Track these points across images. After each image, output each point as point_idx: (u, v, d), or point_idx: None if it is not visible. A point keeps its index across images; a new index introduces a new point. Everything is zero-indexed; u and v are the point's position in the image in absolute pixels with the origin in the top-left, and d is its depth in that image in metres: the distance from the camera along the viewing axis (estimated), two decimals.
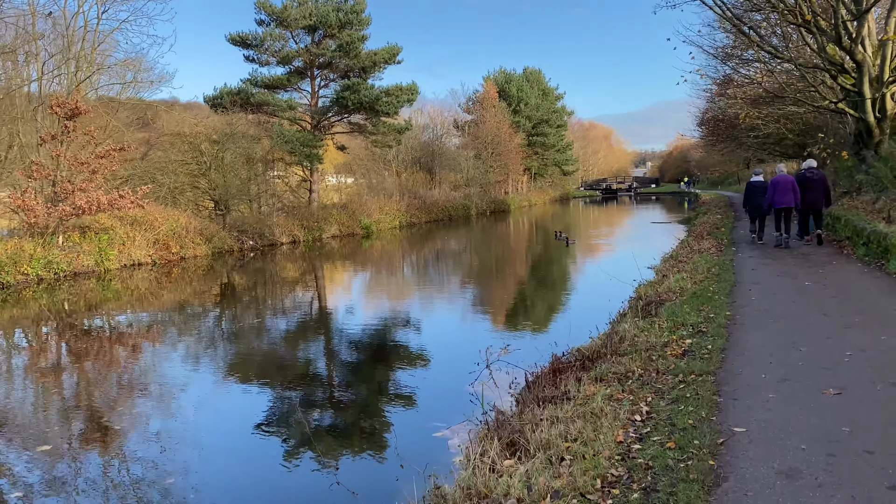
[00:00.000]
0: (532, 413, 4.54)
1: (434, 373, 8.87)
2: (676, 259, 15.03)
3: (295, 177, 36.14)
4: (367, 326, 12.70)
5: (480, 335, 10.57)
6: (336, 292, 18.65)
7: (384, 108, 32.97)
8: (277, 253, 27.68)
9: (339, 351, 10.73)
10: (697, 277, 10.77)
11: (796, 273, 10.34)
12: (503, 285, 17.19)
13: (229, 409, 7.84)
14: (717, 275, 10.72)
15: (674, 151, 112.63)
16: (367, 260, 25.85)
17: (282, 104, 32.56)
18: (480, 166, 58.50)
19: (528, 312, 12.98)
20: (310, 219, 31.98)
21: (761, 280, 9.93)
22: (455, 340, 10.73)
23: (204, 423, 7.34)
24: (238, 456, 6.26)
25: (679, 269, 12.60)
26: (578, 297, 14.87)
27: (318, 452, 5.95)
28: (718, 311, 7.75)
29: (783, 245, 14.10)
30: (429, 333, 11.52)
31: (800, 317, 7.21)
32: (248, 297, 17.80)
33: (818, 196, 13.77)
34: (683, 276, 11.14)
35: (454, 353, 9.78)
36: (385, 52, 34.25)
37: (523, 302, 14.39)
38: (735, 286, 9.58)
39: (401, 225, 39.90)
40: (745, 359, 5.60)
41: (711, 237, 17.82)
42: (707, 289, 9.50)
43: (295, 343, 11.59)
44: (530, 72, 70.94)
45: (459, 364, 8.32)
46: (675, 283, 10.56)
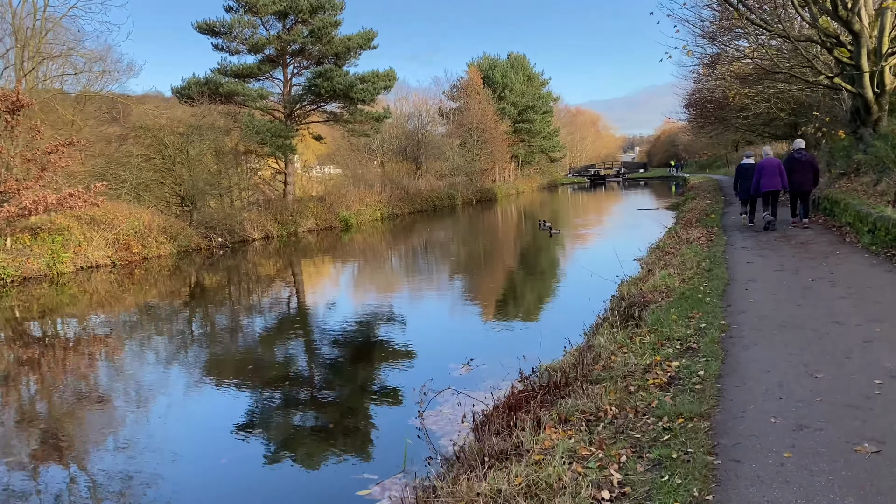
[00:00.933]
0: (468, 485, 3.36)
1: (383, 398, 7.63)
2: (663, 250, 13.88)
3: (270, 169, 34.76)
4: (326, 333, 11.50)
5: (444, 345, 9.40)
6: (301, 292, 17.40)
7: (360, 96, 31.61)
8: (249, 250, 26.39)
9: (285, 373, 9.52)
10: (686, 273, 9.62)
11: (797, 267, 9.19)
12: (477, 285, 15.88)
13: (191, 417, 7.42)
14: (709, 270, 9.57)
15: (661, 136, 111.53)
16: (340, 255, 24.58)
17: (252, 94, 31.15)
18: (466, 155, 57.22)
19: (501, 317, 11.68)
20: (284, 213, 30.68)
21: (758, 276, 8.78)
22: (415, 352, 9.50)
23: (170, 432, 6.93)
24: (196, 465, 5.96)
25: (666, 263, 11.44)
26: (557, 296, 13.71)
27: None
28: (711, 318, 6.59)
29: (771, 228, 13.99)
30: (388, 342, 10.30)
31: (808, 326, 6.05)
32: (214, 299, 16.73)
33: (806, 177, 13.66)
34: (670, 271, 9.99)
35: (410, 369, 8.54)
36: (359, 38, 32.84)
37: (496, 305, 13.06)
38: (729, 284, 8.43)
39: (382, 217, 38.62)
40: (747, 391, 4.43)
41: (701, 225, 16.69)
42: (697, 288, 8.34)
43: (236, 354, 10.39)
44: (515, 57, 69.48)
45: (416, 379, 7.16)
46: (661, 281, 9.41)
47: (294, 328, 12.43)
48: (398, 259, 22.79)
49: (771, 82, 21.96)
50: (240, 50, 33.10)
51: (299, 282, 19.33)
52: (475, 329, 10.52)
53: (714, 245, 12.38)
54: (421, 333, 10.61)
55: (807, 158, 13.82)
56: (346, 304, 14.93)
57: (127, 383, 8.89)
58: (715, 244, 12.57)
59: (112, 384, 8.96)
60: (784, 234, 13.40)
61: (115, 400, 8.14)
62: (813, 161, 13.90)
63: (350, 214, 34.25)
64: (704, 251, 11.62)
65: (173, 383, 8.84)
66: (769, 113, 26.19)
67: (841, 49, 15.51)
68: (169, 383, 8.85)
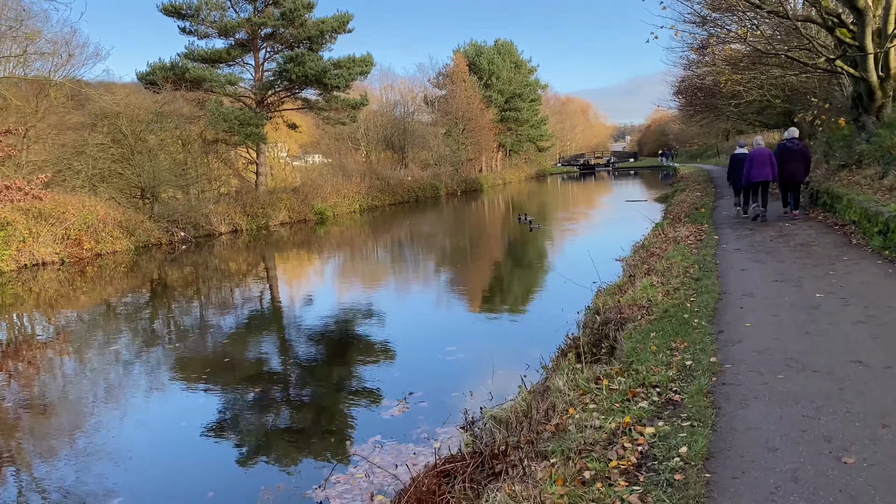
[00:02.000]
0: None
1: (285, 460, 6.20)
2: (648, 250, 12.55)
3: (241, 159, 33.19)
4: (280, 342, 10.12)
5: (384, 372, 7.94)
6: (261, 292, 15.99)
7: (333, 82, 30.06)
8: (215, 244, 24.92)
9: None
10: (671, 283, 8.28)
11: (799, 276, 7.86)
12: (439, 294, 14.15)
13: (143, 424, 6.89)
14: (697, 279, 8.23)
15: (652, 125, 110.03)
16: (307, 252, 23.09)
17: (220, 79, 29.54)
18: (451, 144, 55.74)
19: (458, 335, 10.00)
20: (255, 205, 29.16)
21: (755, 289, 7.44)
22: (347, 382, 8.06)
23: (124, 439, 6.47)
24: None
25: (649, 268, 10.11)
26: (527, 307, 12.16)
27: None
28: (699, 351, 5.25)
29: (762, 218, 13.77)
30: (311, 375, 8.89)
31: (821, 366, 4.70)
32: (173, 298, 15.52)
33: (798, 167, 13.37)
34: (653, 279, 8.64)
35: (337, 408, 7.07)
36: (334, 21, 31.26)
37: (455, 320, 11.37)
38: (720, 299, 7.09)
39: (361, 209, 37.14)
40: (748, 489, 3.10)
41: (690, 221, 15.37)
42: (683, 304, 7.00)
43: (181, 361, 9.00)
44: (502, 44, 67.79)
45: (338, 422, 5.80)
46: (643, 292, 8.07)
47: (238, 333, 11.04)
48: (362, 259, 21.35)
49: (764, 67, 20.66)
50: (209, 34, 31.49)
51: (262, 280, 17.93)
52: (424, 349, 8.97)
53: (704, 246, 11.05)
54: (361, 353, 9.13)
55: (799, 147, 13.43)
56: (297, 308, 13.53)
57: (78, 388, 8.41)
58: (705, 245, 11.24)
59: (62, 389, 8.45)
60: (780, 231, 12.09)
61: (63, 407, 7.69)
62: (805, 150, 13.54)
63: (325, 207, 32.75)
64: (693, 254, 10.28)
65: (126, 387, 8.34)
66: (762, 101, 24.84)
67: (842, 30, 14.17)
68: (121, 387, 8.34)
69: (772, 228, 12.69)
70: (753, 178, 13.49)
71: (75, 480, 5.55)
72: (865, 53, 13.34)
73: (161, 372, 8.98)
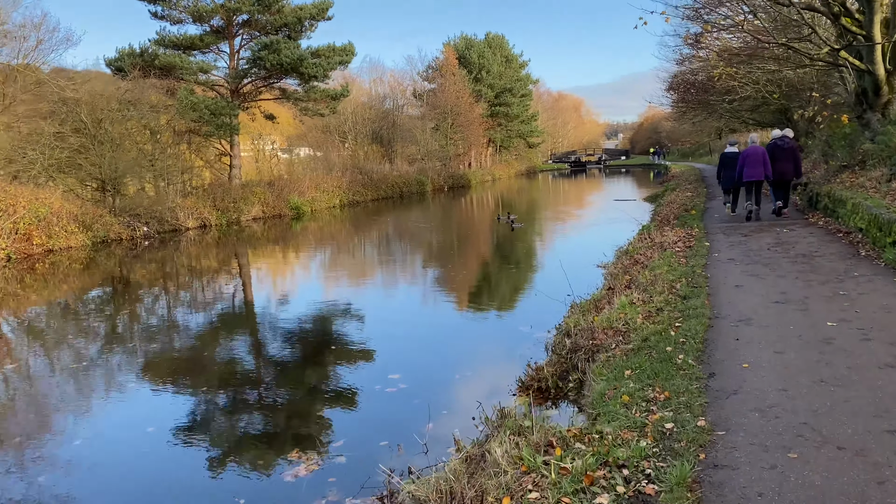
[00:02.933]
0: None
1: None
2: (632, 257, 11.36)
3: (215, 151, 31.76)
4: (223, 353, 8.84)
5: (303, 418, 6.56)
6: (217, 293, 14.68)
7: (311, 71, 28.67)
8: (182, 240, 23.59)
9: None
10: (654, 301, 7.07)
11: (804, 297, 6.66)
12: (398, 302, 12.66)
13: (90, 435, 6.27)
14: (684, 297, 7.02)
15: (644, 122, 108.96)
16: (274, 249, 21.70)
17: (191, 67, 28.09)
18: (440, 138, 54.47)
19: (406, 356, 8.47)
20: (226, 199, 27.80)
21: (753, 313, 6.23)
22: (252, 438, 6.67)
23: (85, 446, 5.96)
24: None
25: (631, 280, 8.90)
26: (489, 324, 10.29)
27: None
28: (683, 408, 4.03)
29: (754, 217, 13.53)
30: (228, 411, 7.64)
31: (851, 441, 3.46)
32: (127, 298, 14.32)
33: (787, 166, 13.18)
34: (634, 296, 7.43)
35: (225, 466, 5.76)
36: (313, 8, 29.87)
37: (408, 335, 9.67)
38: (711, 326, 5.87)
39: (342, 204, 35.80)
40: None
41: (679, 224, 14.18)
42: (667, 331, 5.79)
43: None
44: (493, 37, 66.40)
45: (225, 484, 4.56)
46: (620, 312, 6.86)
47: (191, 337, 9.75)
48: (321, 263, 20.05)
49: (760, 62, 19.51)
50: (182, 19, 30.02)
51: (222, 279, 16.62)
52: (363, 378, 7.40)
53: (694, 255, 9.84)
54: (289, 384, 7.71)
55: (789, 146, 13.26)
56: (246, 315, 12.25)
57: (26, 394, 7.82)
58: (695, 253, 10.04)
59: (9, 396, 7.75)
60: (778, 238, 10.92)
61: (9, 414, 7.06)
62: (795, 149, 13.36)
63: (302, 201, 31.40)
64: (681, 264, 9.08)
65: (78, 392, 7.70)
66: (756, 97, 23.70)
67: (847, 18, 12.99)
68: (74, 392, 7.70)
69: (768, 234, 11.52)
70: (746, 177, 13.25)
71: (24, 494, 5.05)
72: (873, 43, 12.16)
73: (113, 376, 8.29)
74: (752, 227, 12.59)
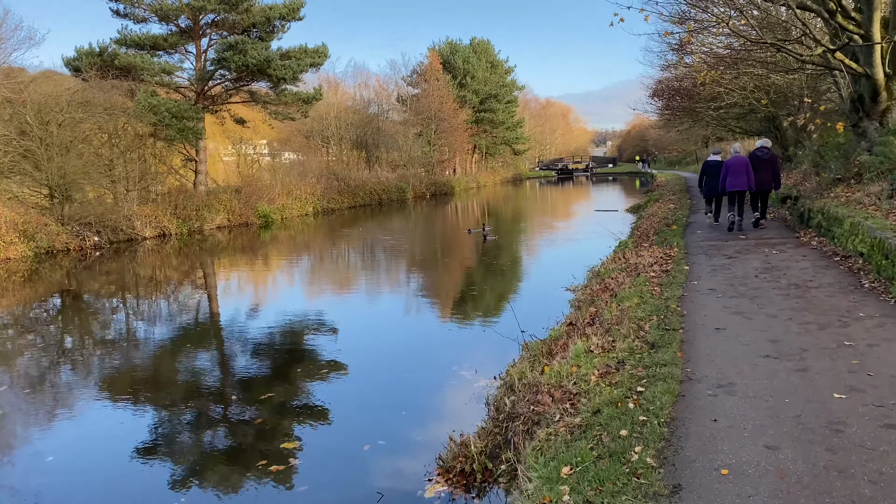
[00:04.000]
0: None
1: None
2: (602, 281, 10.09)
3: (180, 156, 30.28)
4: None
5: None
6: (169, 309, 13.25)
7: (280, 73, 27.30)
8: (138, 250, 22.14)
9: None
10: (617, 349, 5.77)
11: (802, 349, 5.35)
12: (334, 340, 10.38)
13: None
14: (653, 346, 5.71)
15: (632, 130, 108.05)
16: (232, 259, 20.21)
17: (153, 67, 26.64)
18: (423, 144, 53.22)
19: (320, 407, 6.93)
20: (188, 206, 26.35)
21: (737, 374, 4.92)
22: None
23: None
24: None
25: (596, 314, 7.61)
26: (421, 372, 8.15)
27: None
28: None
29: (737, 228, 13.38)
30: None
31: None
32: (67, 313, 13.19)
33: (766, 177, 13.01)
34: (593, 340, 6.12)
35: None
36: (283, 7, 28.51)
37: (312, 396, 7.47)
38: (682, 395, 4.55)
39: (315, 211, 34.40)
40: None
41: (658, 241, 12.93)
42: (624, 401, 4.48)
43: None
44: (478, 42, 65.27)
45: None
46: (574, 364, 5.56)
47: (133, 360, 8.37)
48: (266, 280, 18.71)
49: (746, 66, 18.36)
50: (147, 18, 28.59)
51: (173, 292, 15.23)
52: (276, 432, 6.19)
53: (670, 283, 8.55)
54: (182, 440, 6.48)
55: (768, 157, 13.08)
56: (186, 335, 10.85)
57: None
58: (671, 280, 8.75)
59: None
60: (767, 262, 9.66)
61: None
62: (774, 160, 13.18)
63: (271, 209, 29.98)
64: (654, 295, 7.78)
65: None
66: (744, 104, 22.58)
67: (844, 19, 11.79)
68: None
69: (755, 257, 10.26)
70: (729, 187, 13.02)
71: None
72: (871, 44, 10.96)
73: (59, 395, 7.59)
74: (738, 248, 11.33)
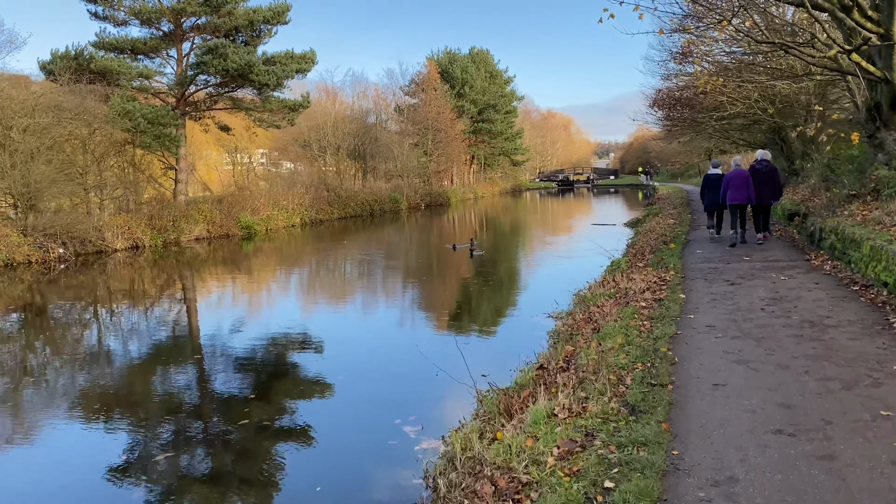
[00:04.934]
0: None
1: None
2: (587, 309, 8.82)
3: (161, 164, 29.11)
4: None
5: None
6: (128, 329, 11.99)
7: (263, 78, 26.15)
8: (108, 263, 20.94)
9: None
10: (588, 413, 4.50)
11: (826, 422, 4.09)
12: (284, 374, 9.34)
13: None
14: (633, 410, 4.45)
15: (634, 142, 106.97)
16: (203, 274, 18.91)
17: (130, 71, 25.49)
18: (419, 154, 52.11)
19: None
20: (164, 217, 25.15)
21: (741, 463, 3.64)
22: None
23: None
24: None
25: (572, 354, 6.35)
26: (357, 433, 6.47)
27: None
28: None
29: (739, 242, 13.17)
30: None
31: None
32: (26, 330, 12.19)
33: (766, 190, 12.86)
34: (559, 401, 4.84)
35: None
36: (269, 10, 27.44)
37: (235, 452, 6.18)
38: (664, 498, 3.30)
39: (303, 222, 33.18)
40: None
41: (654, 262, 11.66)
42: (587, 500, 3.23)
43: None
44: (477, 52, 64.24)
45: None
46: (530, 436, 4.29)
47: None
48: (215, 300, 17.47)
49: (751, 74, 17.20)
50: (127, 21, 27.53)
51: (129, 312, 13.97)
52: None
53: (662, 316, 7.27)
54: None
55: (768, 169, 12.91)
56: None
57: None
58: (664, 312, 7.47)
59: None
60: (775, 291, 8.39)
61: None
62: (774, 173, 13.03)
63: (255, 220, 28.74)
64: (642, 333, 6.51)
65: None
66: (747, 114, 21.36)
67: (860, 16, 10.57)
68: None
69: (761, 283, 9.00)
70: (730, 200, 12.87)
71: None
72: (892, 43, 9.74)
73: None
74: (741, 272, 10.06)
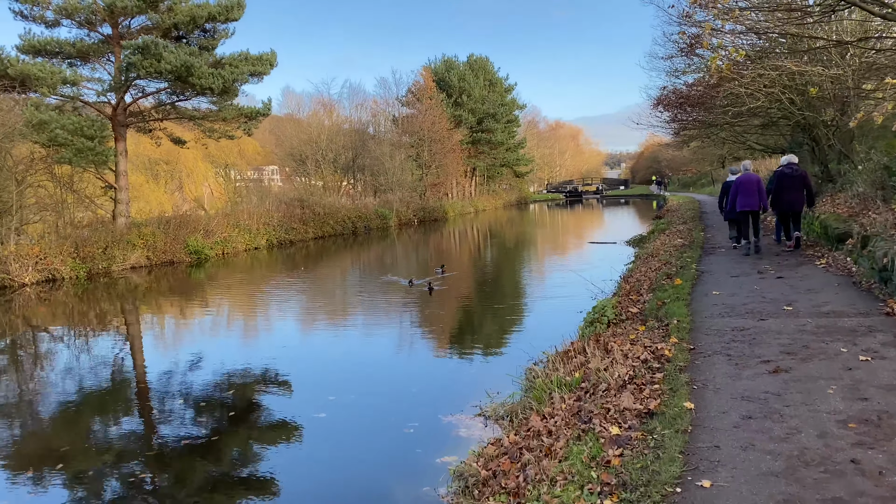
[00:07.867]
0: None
1: None
2: (525, 422, 5.14)
3: (100, 183, 25.78)
4: None
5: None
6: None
7: (204, 81, 22.68)
8: (14, 300, 17.53)
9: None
10: None
11: None
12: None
13: None
14: None
15: (644, 151, 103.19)
16: (126, 312, 15.28)
17: (51, 78, 22.16)
18: (413, 167, 48.82)
19: None
20: (93, 243, 21.75)
21: None
22: None
23: None
24: None
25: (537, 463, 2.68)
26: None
27: None
28: None
29: (753, 251, 12.32)
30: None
31: None
32: None
33: (797, 196, 11.99)
34: None
35: None
36: (215, 7, 24.07)
37: None
38: None
39: (270, 244, 29.67)
40: None
41: (649, 312, 7.96)
42: None
43: None
44: (475, 59, 60.85)
45: None
46: None
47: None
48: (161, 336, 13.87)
49: (774, 59, 13.67)
50: (59, 21, 24.33)
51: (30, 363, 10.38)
52: None
53: (645, 468, 3.60)
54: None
55: (798, 174, 12.14)
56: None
57: None
58: (655, 454, 3.80)
59: None
60: (860, 395, 4.69)
61: None
62: (805, 177, 12.22)
63: (206, 244, 25.27)
64: (632, 445, 2.84)
65: None
66: (770, 109, 17.65)
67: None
68: None
69: (827, 371, 5.25)
70: (740, 206, 12.31)
71: None
72: None
73: None
74: (786, 338, 6.27)
